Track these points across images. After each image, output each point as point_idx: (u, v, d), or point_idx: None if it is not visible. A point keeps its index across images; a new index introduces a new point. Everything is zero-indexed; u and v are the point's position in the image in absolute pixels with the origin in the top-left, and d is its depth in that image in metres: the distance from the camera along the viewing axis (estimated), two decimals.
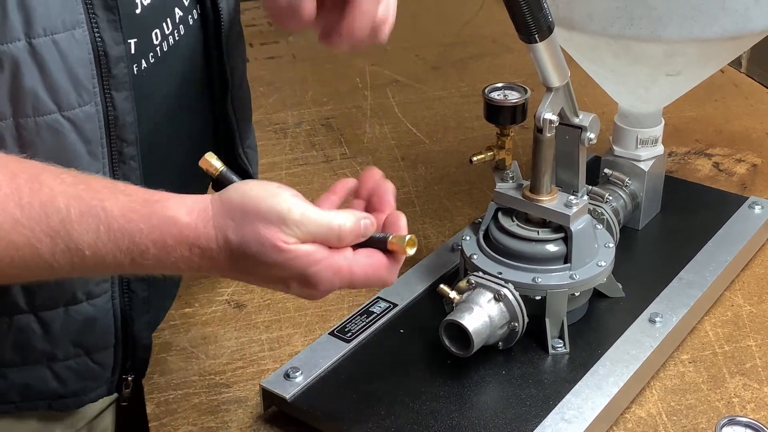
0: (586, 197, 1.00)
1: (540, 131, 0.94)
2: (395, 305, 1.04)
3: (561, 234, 0.98)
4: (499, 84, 0.99)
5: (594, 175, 1.15)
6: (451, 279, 1.06)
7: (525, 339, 0.96)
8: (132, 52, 0.84)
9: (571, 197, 0.97)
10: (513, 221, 1.00)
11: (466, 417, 0.89)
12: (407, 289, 1.06)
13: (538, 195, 0.97)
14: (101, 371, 0.92)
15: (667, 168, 1.26)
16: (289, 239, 0.71)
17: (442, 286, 0.96)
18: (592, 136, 0.98)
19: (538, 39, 0.87)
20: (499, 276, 0.96)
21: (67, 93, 0.77)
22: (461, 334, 0.91)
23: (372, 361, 0.96)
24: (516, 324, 0.94)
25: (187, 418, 0.95)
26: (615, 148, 1.17)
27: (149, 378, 0.99)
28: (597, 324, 1.01)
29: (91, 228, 0.69)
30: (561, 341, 0.97)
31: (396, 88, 1.67)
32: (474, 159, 1.01)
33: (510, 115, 0.98)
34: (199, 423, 0.94)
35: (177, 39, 0.90)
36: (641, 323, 1.00)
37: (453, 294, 0.95)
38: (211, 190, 0.81)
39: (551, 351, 0.97)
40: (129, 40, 0.83)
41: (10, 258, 0.70)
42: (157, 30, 0.87)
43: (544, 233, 0.98)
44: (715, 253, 1.10)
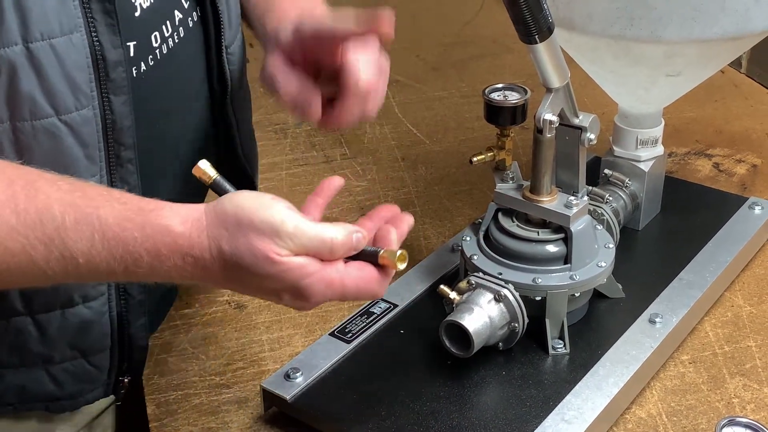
0: (586, 198, 1.00)
1: (540, 132, 0.94)
2: (395, 306, 1.04)
3: (561, 234, 0.98)
4: (499, 85, 1.00)
5: (594, 176, 1.15)
6: (452, 279, 1.06)
7: (525, 340, 0.96)
8: (131, 54, 0.84)
9: (571, 198, 0.97)
10: (513, 222, 1.00)
11: (466, 417, 0.89)
12: (407, 290, 1.06)
13: (538, 195, 0.98)
14: (98, 373, 0.92)
15: (667, 168, 1.26)
16: (282, 251, 0.71)
17: (442, 286, 0.96)
18: (592, 136, 0.98)
19: (538, 40, 0.87)
20: (500, 277, 0.96)
21: (65, 97, 0.77)
22: (461, 334, 0.91)
23: (372, 362, 0.96)
24: (516, 324, 0.94)
25: (188, 418, 0.95)
26: (615, 148, 1.17)
27: (149, 378, 0.99)
28: (597, 324, 1.01)
29: (86, 236, 0.70)
30: (561, 342, 0.97)
31: (396, 88, 1.67)
32: (474, 159, 1.01)
33: (510, 116, 0.98)
34: (200, 423, 0.94)
35: (177, 41, 0.90)
36: (641, 324, 1.00)
37: (453, 294, 0.95)
38: (213, 194, 0.81)
39: (551, 352, 0.97)
40: (128, 42, 0.83)
41: (5, 264, 0.70)
42: (157, 33, 0.87)
43: (544, 234, 0.98)
44: (715, 254, 1.10)
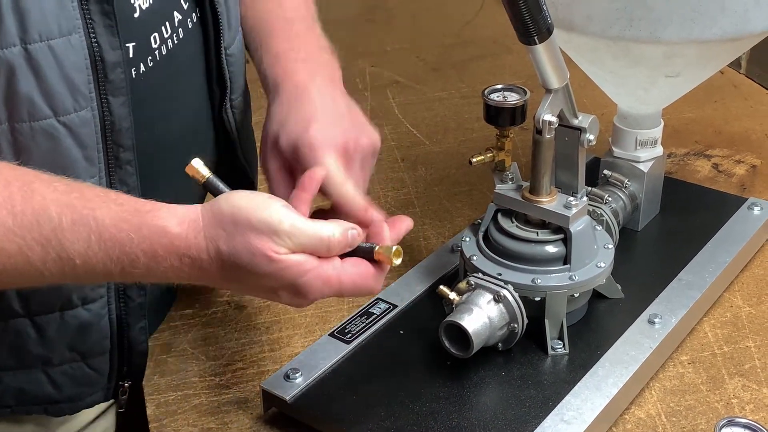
0: (585, 198, 1.00)
1: (539, 133, 0.94)
2: (395, 306, 1.04)
3: (560, 235, 0.98)
4: (499, 85, 1.00)
5: (593, 177, 1.15)
6: (451, 280, 1.06)
7: (524, 340, 0.96)
8: (130, 56, 0.84)
9: (571, 198, 0.98)
10: (512, 222, 1.00)
11: (465, 418, 0.89)
12: (407, 290, 1.06)
13: (537, 196, 0.98)
14: (97, 377, 0.92)
15: (667, 169, 1.26)
16: (280, 249, 0.72)
17: (441, 287, 0.96)
18: (591, 137, 0.98)
19: (537, 41, 0.87)
20: (499, 277, 0.96)
21: (63, 98, 0.77)
22: (461, 335, 0.91)
23: (372, 363, 0.96)
24: (515, 325, 0.94)
25: (188, 419, 0.95)
26: (614, 149, 1.17)
27: (149, 379, 0.99)
28: (596, 325, 1.01)
29: (82, 237, 0.70)
30: (560, 342, 0.97)
31: (396, 89, 1.67)
32: (474, 160, 1.01)
33: (509, 117, 0.98)
34: (200, 424, 0.94)
35: (176, 43, 0.90)
36: (640, 324, 1.00)
37: (453, 295, 0.95)
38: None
39: (551, 352, 0.97)
40: (127, 44, 0.83)
41: (2, 265, 0.70)
42: (156, 34, 0.87)
43: (543, 234, 0.98)
44: (715, 254, 1.11)
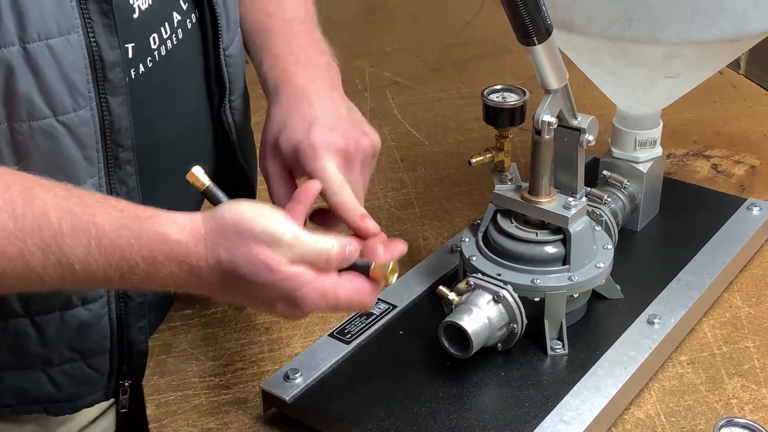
0: (584, 199, 1.00)
1: (539, 133, 0.94)
2: (394, 307, 1.04)
3: (560, 236, 0.98)
4: (498, 86, 1.00)
5: (593, 177, 1.15)
6: (450, 280, 1.06)
7: (524, 340, 0.97)
8: (129, 56, 0.84)
9: (570, 199, 0.98)
10: (512, 223, 1.00)
11: (465, 418, 0.89)
12: (406, 291, 1.06)
13: (536, 197, 0.98)
14: (97, 376, 0.92)
15: (666, 169, 1.26)
16: (281, 260, 0.72)
17: (441, 287, 0.96)
18: (590, 138, 0.98)
19: (536, 41, 0.87)
20: (498, 277, 0.96)
21: (62, 98, 0.77)
22: (460, 335, 0.91)
23: (371, 363, 0.96)
24: (515, 325, 0.94)
25: (187, 419, 0.95)
26: (613, 149, 1.17)
27: (149, 379, 0.99)
28: (596, 325, 1.01)
29: (82, 242, 0.70)
30: (560, 343, 0.98)
31: (396, 89, 1.68)
32: (473, 161, 1.02)
33: (509, 118, 0.99)
34: (199, 424, 0.94)
35: (175, 43, 0.90)
36: (640, 325, 1.00)
37: (452, 295, 0.95)
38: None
39: (550, 352, 0.97)
40: (126, 44, 0.83)
41: (2, 269, 0.70)
42: (155, 34, 0.87)
43: (542, 235, 0.98)
44: (714, 255, 1.11)
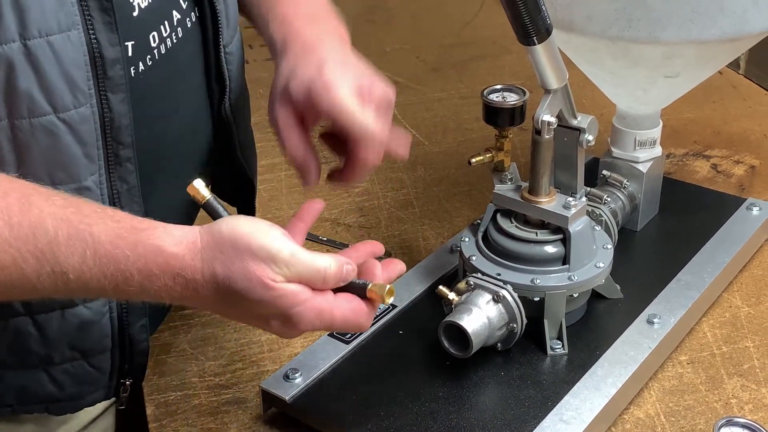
0: (584, 199, 1.00)
1: (538, 133, 0.94)
2: (394, 306, 1.04)
3: (559, 235, 0.98)
4: (498, 86, 1.00)
5: (592, 177, 1.15)
6: (450, 280, 1.06)
7: (523, 340, 0.97)
8: (129, 54, 0.84)
9: (570, 199, 0.98)
10: (512, 223, 1.00)
11: (464, 418, 0.89)
12: (406, 291, 1.06)
13: (536, 196, 0.98)
14: (99, 375, 0.92)
15: (666, 169, 1.26)
16: (277, 278, 0.71)
17: (441, 287, 0.96)
18: (590, 137, 0.98)
19: (536, 41, 0.88)
20: (498, 277, 0.96)
21: (63, 94, 0.77)
22: (460, 335, 0.91)
23: (371, 363, 0.96)
24: (515, 325, 0.94)
25: (187, 419, 0.95)
26: (613, 149, 1.17)
27: (149, 379, 0.99)
28: (595, 325, 1.01)
29: (78, 252, 0.70)
30: (559, 342, 0.98)
31: (395, 89, 1.67)
32: (473, 160, 1.02)
33: (509, 117, 0.99)
34: (199, 424, 0.94)
35: (175, 42, 0.90)
36: (639, 324, 1.00)
37: (452, 295, 0.95)
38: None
39: (550, 352, 0.97)
40: (126, 42, 0.83)
41: None
42: (155, 32, 0.87)
43: (542, 235, 0.98)
44: (714, 255, 1.11)
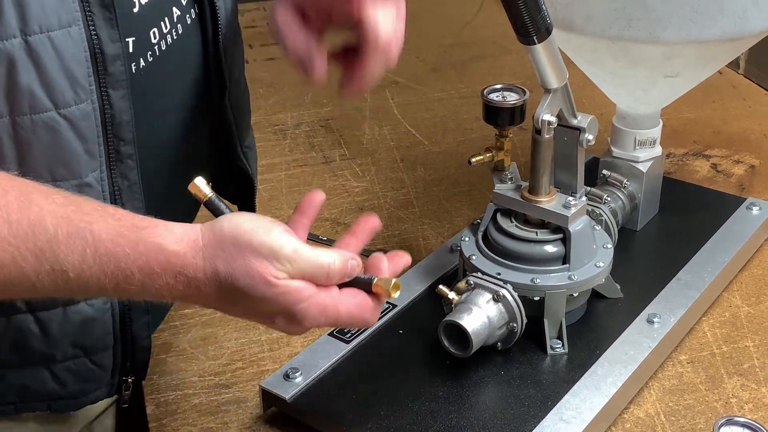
0: (584, 198, 1.00)
1: (538, 132, 0.94)
2: (394, 306, 1.04)
3: (559, 235, 0.98)
4: (498, 85, 1.00)
5: (592, 177, 1.16)
6: (450, 280, 1.06)
7: (523, 339, 0.97)
8: (130, 50, 0.84)
9: (570, 198, 0.98)
10: (512, 222, 1.00)
11: (464, 417, 0.89)
12: (406, 290, 1.06)
13: (536, 196, 0.98)
14: (101, 373, 0.92)
15: (666, 169, 1.26)
16: (280, 274, 0.71)
17: (441, 286, 0.96)
18: (590, 137, 0.98)
19: (536, 41, 0.88)
20: (498, 277, 0.96)
21: (64, 91, 0.77)
22: (460, 334, 0.91)
23: (371, 362, 0.97)
24: (515, 324, 0.94)
25: (187, 418, 0.95)
26: (613, 149, 1.17)
27: (149, 379, 0.99)
28: (595, 325, 1.01)
29: (78, 250, 0.69)
30: (559, 342, 0.98)
31: (395, 89, 1.68)
32: (473, 160, 1.02)
33: (509, 117, 0.99)
34: (199, 424, 0.94)
35: (175, 38, 0.90)
36: (639, 324, 1.00)
37: (452, 295, 0.95)
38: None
39: (550, 351, 0.97)
40: (127, 38, 0.83)
41: None
42: (155, 29, 0.87)
43: (542, 234, 0.98)
44: (713, 254, 1.11)
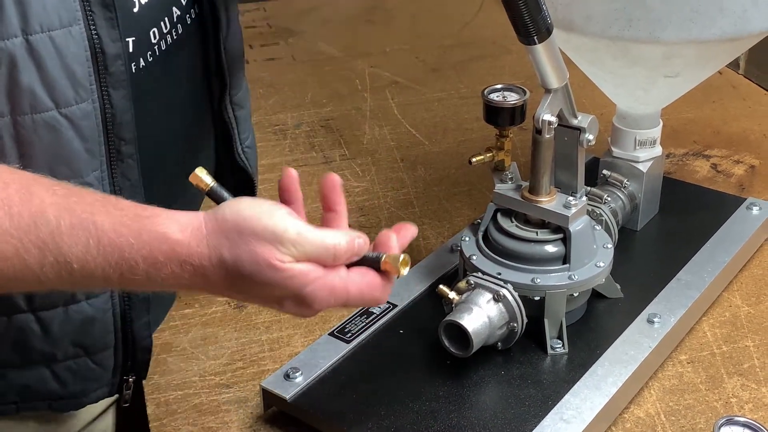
0: (584, 198, 1.00)
1: (539, 132, 0.94)
2: (395, 306, 1.04)
3: (560, 235, 0.98)
4: (498, 85, 1.00)
5: (592, 177, 1.16)
6: (451, 280, 1.06)
7: (524, 339, 0.97)
8: (130, 50, 0.84)
9: (570, 198, 0.98)
10: (512, 222, 1.00)
11: (465, 417, 0.89)
12: (407, 290, 1.06)
13: (537, 196, 0.98)
14: (102, 372, 0.92)
15: (666, 169, 1.26)
16: (285, 258, 0.70)
17: (441, 286, 0.96)
18: (590, 137, 0.98)
19: (537, 41, 0.88)
20: (498, 277, 0.96)
21: (65, 90, 0.77)
22: (460, 334, 0.91)
23: (372, 362, 0.97)
24: (515, 324, 0.94)
25: (188, 418, 0.95)
26: (613, 149, 1.17)
27: (150, 378, 0.99)
28: (596, 324, 1.01)
29: (81, 241, 0.69)
30: (560, 342, 0.98)
31: (395, 89, 1.68)
32: (473, 160, 1.02)
33: (509, 117, 0.99)
34: (200, 423, 0.94)
35: (175, 38, 0.90)
36: (640, 324, 1.00)
37: (452, 294, 0.95)
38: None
39: (550, 351, 0.97)
40: (127, 38, 0.83)
41: None
42: (155, 29, 0.87)
43: (543, 234, 0.98)
44: (713, 254, 1.11)
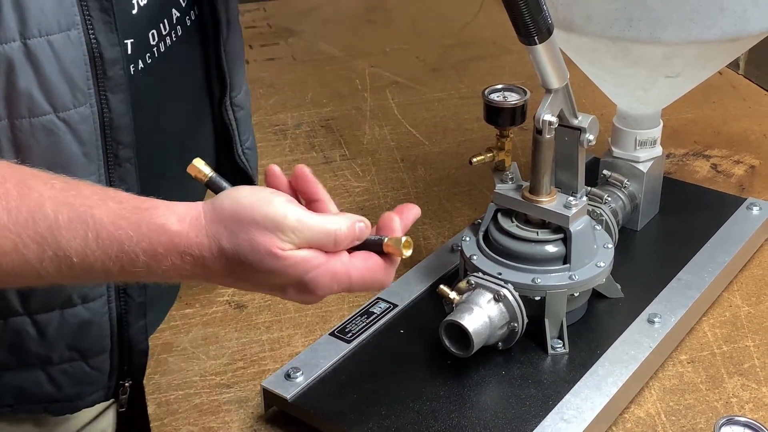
0: (585, 198, 1.00)
1: (539, 133, 0.94)
2: (395, 306, 1.04)
3: (560, 235, 0.98)
4: (499, 85, 1.00)
5: (593, 177, 1.16)
6: (451, 280, 1.06)
7: (524, 339, 0.97)
8: (129, 52, 0.84)
9: (570, 198, 0.98)
10: (512, 222, 1.00)
11: (466, 417, 0.89)
12: (407, 290, 1.06)
13: (537, 196, 0.98)
14: (98, 376, 0.92)
15: (666, 169, 1.26)
16: (286, 245, 0.70)
17: (441, 286, 0.96)
18: (591, 137, 0.98)
19: (537, 41, 0.88)
20: (499, 276, 0.96)
21: (62, 94, 0.77)
22: (461, 334, 0.91)
23: (372, 362, 0.97)
24: (515, 324, 0.94)
25: (188, 418, 0.95)
26: (614, 149, 1.17)
27: (150, 378, 0.99)
28: (596, 324, 1.02)
29: (79, 235, 0.69)
30: (560, 341, 0.98)
31: (396, 89, 1.68)
32: (474, 160, 1.02)
33: (509, 117, 0.99)
34: (200, 423, 0.94)
35: (174, 40, 0.90)
36: (640, 324, 1.00)
37: (453, 294, 0.95)
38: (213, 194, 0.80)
39: (550, 351, 0.97)
40: (126, 40, 0.82)
41: None
42: (154, 30, 0.87)
43: (543, 234, 0.98)
44: (714, 254, 1.11)
